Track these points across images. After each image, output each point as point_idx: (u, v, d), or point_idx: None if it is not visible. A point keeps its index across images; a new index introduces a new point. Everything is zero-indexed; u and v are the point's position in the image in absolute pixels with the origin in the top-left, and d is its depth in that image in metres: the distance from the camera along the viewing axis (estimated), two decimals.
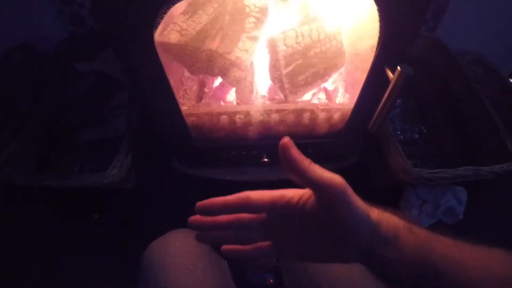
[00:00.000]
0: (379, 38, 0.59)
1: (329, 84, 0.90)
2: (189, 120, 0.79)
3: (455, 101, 1.13)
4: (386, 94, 0.60)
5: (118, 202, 1.07)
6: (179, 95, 0.85)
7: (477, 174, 0.86)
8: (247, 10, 0.74)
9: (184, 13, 0.75)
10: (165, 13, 0.52)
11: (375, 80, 0.66)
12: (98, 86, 1.17)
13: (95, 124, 1.12)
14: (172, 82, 0.66)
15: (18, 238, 1.02)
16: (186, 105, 0.85)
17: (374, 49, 0.62)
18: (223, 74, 0.77)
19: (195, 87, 0.91)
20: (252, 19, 0.75)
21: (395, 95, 0.58)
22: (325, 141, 0.89)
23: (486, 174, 0.86)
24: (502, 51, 1.27)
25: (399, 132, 1.08)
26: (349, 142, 0.90)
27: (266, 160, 0.92)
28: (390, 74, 0.59)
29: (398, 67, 0.55)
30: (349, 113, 0.79)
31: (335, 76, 0.86)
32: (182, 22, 0.73)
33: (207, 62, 0.74)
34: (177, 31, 0.73)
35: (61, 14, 1.11)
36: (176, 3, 0.51)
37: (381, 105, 0.63)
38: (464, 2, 1.11)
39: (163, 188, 1.10)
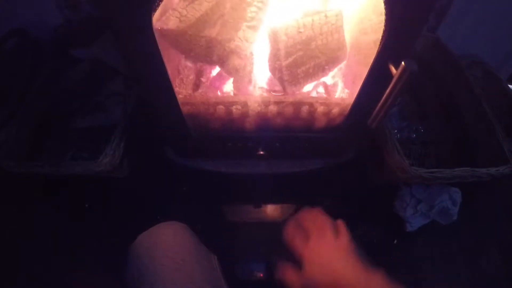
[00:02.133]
0: (384, 32, 0.57)
1: (328, 79, 0.89)
2: (184, 109, 0.77)
3: (453, 102, 1.12)
4: (388, 90, 0.59)
5: (110, 191, 1.06)
6: (175, 84, 0.83)
7: (474, 175, 0.86)
8: None
9: None
10: None
11: (377, 75, 0.64)
12: (94, 73, 1.15)
13: (89, 111, 1.10)
14: (168, 70, 0.64)
15: (7, 228, 1.01)
16: (182, 94, 0.84)
17: (378, 44, 0.60)
18: (222, 62, 0.75)
19: (191, 76, 0.89)
20: (253, 8, 0.73)
21: (398, 91, 0.57)
22: (323, 136, 0.88)
23: (483, 176, 0.86)
24: (501, 55, 1.28)
25: (396, 131, 1.08)
26: (347, 138, 0.89)
27: (262, 153, 0.91)
28: (394, 70, 0.58)
29: (403, 63, 0.54)
30: (348, 108, 0.77)
31: (335, 70, 0.85)
32: (182, 9, 0.71)
33: (206, 49, 0.73)
34: (176, 17, 0.71)
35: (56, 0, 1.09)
36: None
37: (382, 100, 0.62)
38: (467, 4, 1.12)
39: (156, 178, 1.09)
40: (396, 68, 0.56)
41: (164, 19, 0.70)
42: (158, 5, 0.52)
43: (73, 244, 0.99)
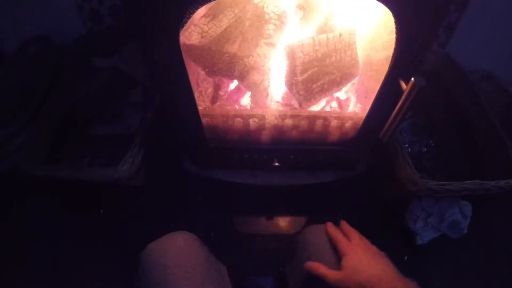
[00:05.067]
0: (395, 49, 0.60)
1: (342, 94, 0.92)
2: (203, 121, 0.81)
3: (463, 116, 1.14)
4: (399, 105, 0.62)
5: (125, 198, 1.09)
6: (195, 96, 0.87)
7: (483, 188, 0.87)
8: (267, 17, 0.77)
9: (205, 16, 0.77)
10: (193, 13, 0.55)
11: (388, 90, 0.67)
12: (113, 82, 1.18)
13: (107, 119, 1.14)
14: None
15: (20, 228, 1.04)
16: (201, 106, 0.88)
17: (389, 60, 0.63)
18: (242, 77, 0.79)
19: (210, 89, 0.93)
20: (271, 26, 0.77)
21: (408, 106, 0.60)
22: (336, 149, 0.90)
23: (492, 189, 0.87)
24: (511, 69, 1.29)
25: (407, 145, 1.10)
26: (359, 151, 0.91)
27: (277, 164, 0.94)
28: (404, 85, 0.61)
29: (412, 79, 0.57)
30: (360, 122, 0.80)
31: (348, 86, 0.88)
32: (203, 25, 0.75)
33: (228, 65, 0.77)
34: (198, 33, 0.75)
35: (80, 10, 1.15)
36: (205, 3, 0.53)
37: (393, 115, 0.65)
38: (476, 18, 1.14)
39: (171, 187, 1.11)
40: (406, 84, 0.59)
41: (186, 34, 0.74)
42: (186, 21, 0.56)
43: (85, 248, 1.01)
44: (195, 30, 0.76)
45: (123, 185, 0.99)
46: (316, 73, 0.78)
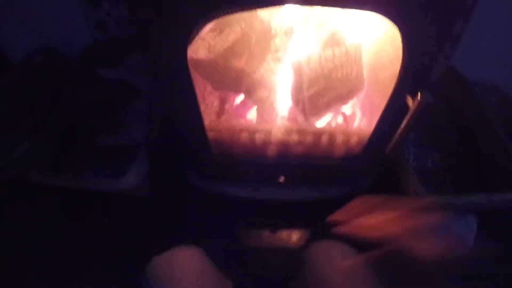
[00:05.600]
0: (401, 64, 0.60)
1: (347, 109, 0.92)
2: (209, 135, 0.81)
3: (468, 128, 1.14)
4: (406, 121, 0.62)
5: (130, 209, 1.08)
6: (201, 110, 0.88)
7: (490, 201, 0.86)
8: (273, 32, 0.77)
9: (212, 30, 0.78)
10: (201, 28, 0.55)
11: (395, 105, 0.67)
12: (119, 93, 1.19)
13: (112, 130, 1.14)
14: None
15: (24, 236, 1.03)
16: (207, 120, 0.88)
17: (395, 76, 0.63)
18: (249, 92, 0.79)
19: (215, 103, 0.93)
20: (277, 41, 0.78)
21: (414, 121, 0.60)
22: (342, 164, 0.90)
23: (499, 202, 0.86)
24: None
25: (412, 158, 1.09)
26: (365, 166, 0.91)
27: (282, 179, 0.94)
28: (410, 101, 0.61)
29: (419, 95, 0.57)
30: (366, 137, 0.80)
31: (354, 101, 0.88)
32: (211, 39, 0.76)
33: (235, 80, 0.77)
34: (205, 47, 0.76)
35: (86, 20, 1.16)
36: (214, 19, 0.53)
37: (399, 130, 0.65)
38: (480, 31, 1.14)
39: (176, 199, 1.11)
40: (413, 99, 0.59)
41: (194, 48, 0.75)
42: (195, 36, 0.57)
43: (89, 258, 1.00)
44: (202, 44, 0.76)
45: (128, 196, 0.98)
46: (322, 89, 0.78)
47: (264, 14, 0.77)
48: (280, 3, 0.55)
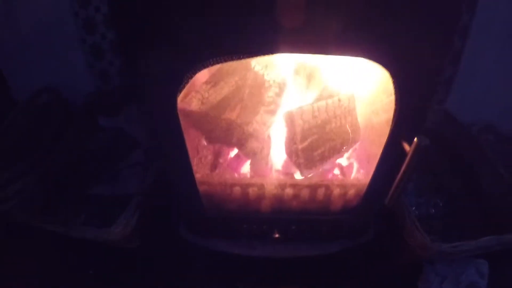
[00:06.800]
0: (395, 111, 0.60)
1: (343, 160, 0.91)
2: (201, 188, 0.79)
3: (469, 169, 1.12)
4: (404, 167, 0.60)
5: (118, 260, 1.03)
6: (193, 163, 0.86)
7: (501, 243, 0.82)
8: (267, 85, 0.78)
9: (206, 82, 0.79)
10: (190, 78, 0.55)
11: (391, 153, 0.66)
12: (116, 142, 1.20)
13: (107, 179, 1.13)
14: (188, 149, 0.67)
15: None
16: (199, 173, 0.86)
17: (390, 123, 0.63)
18: (241, 145, 0.78)
19: (209, 157, 0.92)
20: (271, 93, 0.78)
21: (413, 167, 0.58)
22: (340, 217, 0.87)
23: (510, 242, 0.83)
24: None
25: (414, 208, 1.05)
26: (364, 219, 0.87)
27: (277, 236, 0.90)
28: (407, 147, 0.59)
29: (415, 139, 0.55)
30: (364, 188, 0.78)
31: (349, 151, 0.87)
32: (204, 91, 0.77)
33: (226, 131, 0.76)
34: (198, 99, 0.76)
35: (91, 68, 1.20)
36: (204, 68, 0.53)
37: (398, 178, 0.62)
38: (470, 73, 1.15)
39: (166, 253, 1.06)
40: (409, 145, 0.57)
41: (187, 100, 0.75)
42: (184, 87, 0.56)
43: None
44: (196, 96, 0.77)
45: (116, 247, 0.94)
46: (316, 141, 0.77)
47: (258, 67, 0.78)
48: (270, 52, 0.56)
